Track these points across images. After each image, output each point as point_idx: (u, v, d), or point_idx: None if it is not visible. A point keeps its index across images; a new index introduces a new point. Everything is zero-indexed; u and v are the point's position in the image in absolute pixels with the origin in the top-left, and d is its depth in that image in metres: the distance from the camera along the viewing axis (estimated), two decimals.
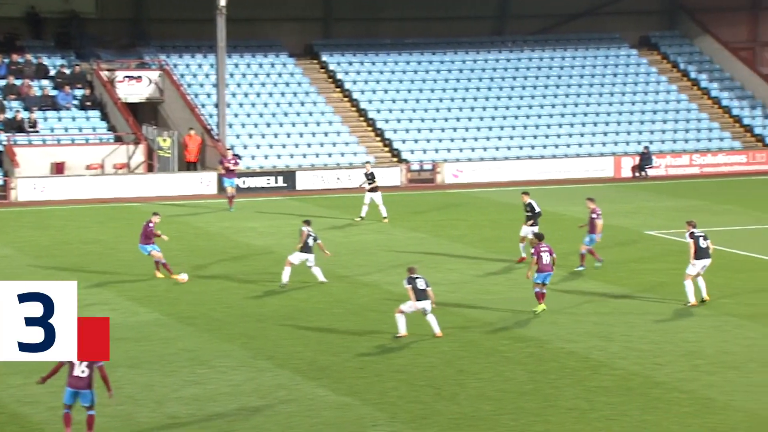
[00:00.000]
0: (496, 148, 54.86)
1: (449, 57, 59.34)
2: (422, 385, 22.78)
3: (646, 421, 21.07)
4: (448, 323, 27.50)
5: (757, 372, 23.81)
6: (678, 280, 32.30)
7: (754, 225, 41.37)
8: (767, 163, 54.80)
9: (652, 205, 46.07)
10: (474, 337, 26.51)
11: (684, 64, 60.41)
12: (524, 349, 25.63)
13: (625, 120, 57.18)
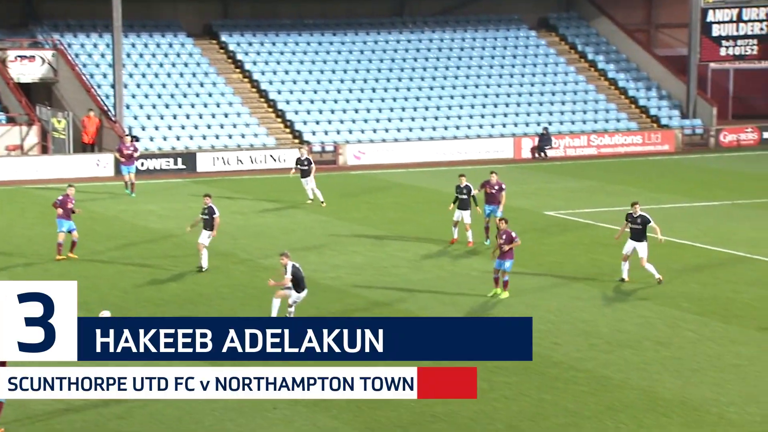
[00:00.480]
0: (398, 129, 55.10)
1: (349, 38, 59.42)
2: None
3: (544, 400, 21.47)
4: (351, 305, 27.69)
5: (651, 350, 24.36)
6: (574, 259, 32.85)
7: (649, 205, 42.17)
8: (662, 143, 55.79)
9: (552, 186, 46.65)
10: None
11: (581, 46, 61.22)
12: None
13: (524, 101, 57.81)
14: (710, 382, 22.42)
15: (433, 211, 40.82)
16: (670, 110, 57.84)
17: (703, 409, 20.93)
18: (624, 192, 44.78)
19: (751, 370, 23.14)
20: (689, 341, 25.05)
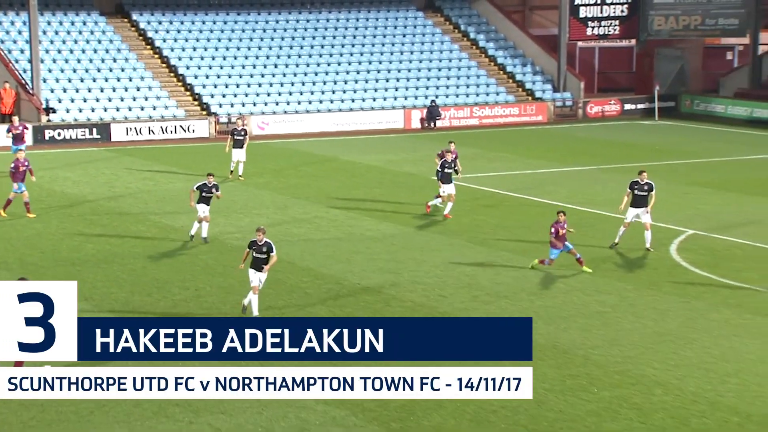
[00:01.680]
0: (298, 102, 54.91)
1: (252, 17, 58.97)
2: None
3: None
4: None
5: (525, 300, 24.74)
6: (458, 219, 33.14)
7: (525, 170, 42.68)
8: (536, 114, 56.42)
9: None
10: (279, 276, 26.68)
11: (464, 26, 61.50)
12: (323, 286, 25.97)
13: (413, 76, 57.95)
14: (578, 327, 22.87)
15: (331, 177, 40.85)
16: (543, 84, 58.47)
17: (572, 352, 21.36)
18: (503, 158, 45.27)
19: (613, 316, 23.65)
20: (560, 292, 25.49)
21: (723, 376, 19.98)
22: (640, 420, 18.12)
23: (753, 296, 24.95)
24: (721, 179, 39.56)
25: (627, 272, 27.13)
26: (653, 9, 58.00)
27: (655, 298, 24.83)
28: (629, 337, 22.19)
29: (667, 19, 58.09)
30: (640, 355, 21.12)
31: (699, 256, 28.49)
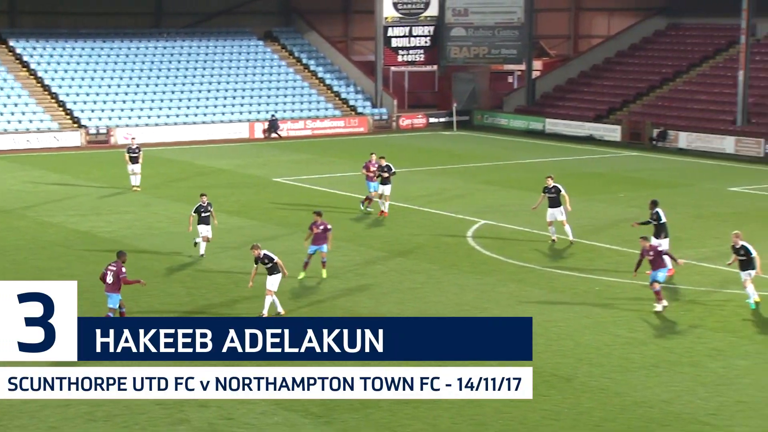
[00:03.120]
0: (158, 116, 53.89)
1: (116, 44, 57.53)
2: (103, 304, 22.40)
3: None
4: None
5: (353, 280, 24.76)
6: (297, 213, 33.14)
7: (352, 173, 43.00)
8: (359, 126, 56.85)
9: (278, 159, 46.78)
10: (145, 263, 26.25)
11: (298, 53, 61.39)
12: (182, 271, 25.66)
13: (256, 95, 57.57)
14: (394, 301, 23.22)
15: (188, 179, 40.27)
16: (363, 101, 58.92)
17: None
18: (332, 163, 45.43)
19: (422, 291, 24.08)
20: (380, 272, 25.80)
21: None
22: None
23: (532, 273, 25.81)
24: (505, 178, 40.72)
25: (434, 256, 27.66)
26: (450, 41, 59.30)
27: (456, 276, 25.41)
28: (435, 308, 22.66)
29: (461, 49, 59.51)
30: None
31: (490, 241, 29.28)
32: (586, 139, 51.76)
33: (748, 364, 18.80)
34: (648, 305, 22.30)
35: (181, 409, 16.73)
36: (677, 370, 18.52)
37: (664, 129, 49.22)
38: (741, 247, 21.96)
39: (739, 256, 22.07)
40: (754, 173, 41.16)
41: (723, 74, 51.91)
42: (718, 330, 20.79)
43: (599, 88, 56.58)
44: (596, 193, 36.98)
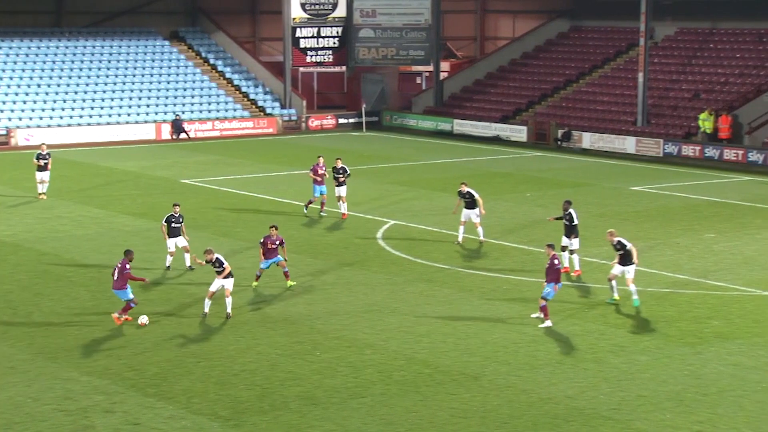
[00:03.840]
0: (60, 117, 52.69)
1: (16, 44, 56.04)
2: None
3: (183, 323, 21.42)
4: (24, 258, 26.39)
5: (261, 284, 24.75)
6: (205, 215, 32.79)
7: (260, 173, 42.77)
8: (268, 127, 56.52)
9: (186, 160, 46.22)
10: (45, 267, 25.66)
11: (205, 53, 60.72)
12: (87, 274, 25.15)
13: (162, 95, 56.73)
14: (304, 302, 23.17)
15: (92, 181, 39.49)
16: (272, 102, 58.59)
17: (300, 323, 21.65)
18: (241, 164, 45.09)
19: (332, 292, 24.08)
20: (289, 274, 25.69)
21: (417, 337, 20.76)
22: (353, 376, 18.59)
23: (441, 272, 26.03)
24: (414, 178, 40.97)
25: (343, 257, 27.66)
26: (359, 42, 59.39)
27: (365, 276, 25.47)
28: (345, 308, 22.69)
29: (369, 50, 59.63)
30: (354, 323, 21.65)
31: (399, 242, 29.41)
32: (493, 139, 52.43)
33: (648, 359, 19.27)
34: (554, 303, 22.68)
35: (85, 415, 16.42)
36: (581, 367, 18.88)
37: (568, 129, 50.17)
38: (617, 243, 22.25)
39: (618, 251, 22.48)
40: (653, 173, 42.25)
41: (623, 76, 53.16)
42: (620, 326, 21.27)
43: (505, 89, 57.36)
44: (503, 192, 37.48)
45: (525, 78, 57.47)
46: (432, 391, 17.80)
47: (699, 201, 35.61)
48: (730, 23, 52.01)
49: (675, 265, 26.10)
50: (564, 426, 16.29)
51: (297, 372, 18.71)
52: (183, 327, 21.16)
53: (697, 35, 53.07)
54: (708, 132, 45.77)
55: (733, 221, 31.78)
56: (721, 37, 52.07)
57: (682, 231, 30.42)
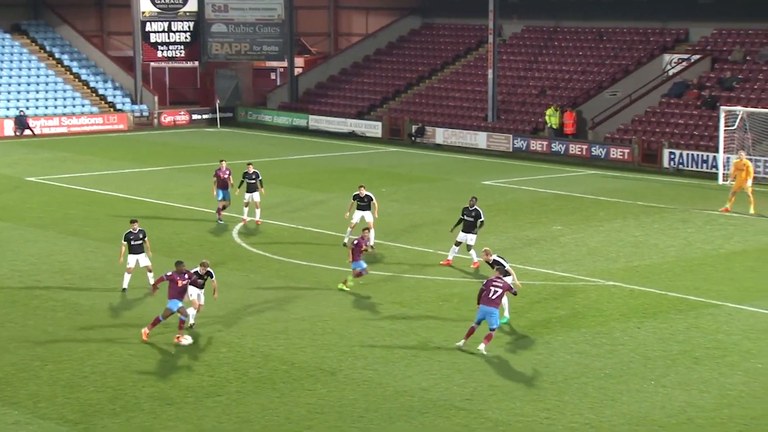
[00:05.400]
0: None
1: None
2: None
3: (28, 325, 20.79)
4: None
5: (112, 281, 24.24)
6: (52, 214, 31.81)
7: (111, 170, 41.74)
8: (118, 123, 55.13)
9: (31, 157, 44.70)
10: None
11: (49, 47, 58.73)
12: None
13: (4, 90, 54.60)
14: (158, 302, 22.69)
15: None
16: (123, 98, 57.19)
17: (147, 323, 21.29)
18: (91, 161, 43.92)
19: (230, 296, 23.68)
20: (134, 276, 25.15)
21: (274, 334, 20.72)
22: (209, 374, 18.41)
23: (298, 269, 26.04)
24: (270, 175, 40.71)
25: (199, 254, 27.27)
26: (211, 37, 58.64)
27: (221, 274, 25.08)
28: (207, 308, 22.39)
29: (222, 45, 58.96)
30: (209, 321, 21.41)
31: (255, 239, 29.26)
32: (349, 135, 52.73)
33: (499, 350, 19.79)
34: (408, 295, 23.02)
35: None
36: (436, 359, 19.25)
37: (421, 125, 50.93)
38: (493, 262, 21.07)
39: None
40: (504, 167, 43.37)
41: (474, 72, 54.32)
42: (471, 318, 21.75)
43: (360, 85, 57.75)
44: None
45: (379, 74, 58.00)
46: (288, 387, 17.81)
47: (546, 194, 36.77)
48: (572, 22, 53.85)
49: (524, 257, 26.87)
50: (419, 418, 16.59)
51: (150, 372, 18.39)
52: (28, 330, 20.48)
53: (542, 33, 54.72)
54: (554, 127, 47.28)
55: (578, 214, 32.95)
56: (565, 36, 53.84)
57: (530, 224, 31.35)
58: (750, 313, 21.91)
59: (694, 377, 18.22)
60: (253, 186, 30.54)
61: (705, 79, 45.73)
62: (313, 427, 16.16)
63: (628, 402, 17.10)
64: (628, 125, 45.56)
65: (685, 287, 23.80)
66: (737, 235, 29.68)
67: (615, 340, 20.22)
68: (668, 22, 49.92)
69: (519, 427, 16.14)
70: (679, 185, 38.51)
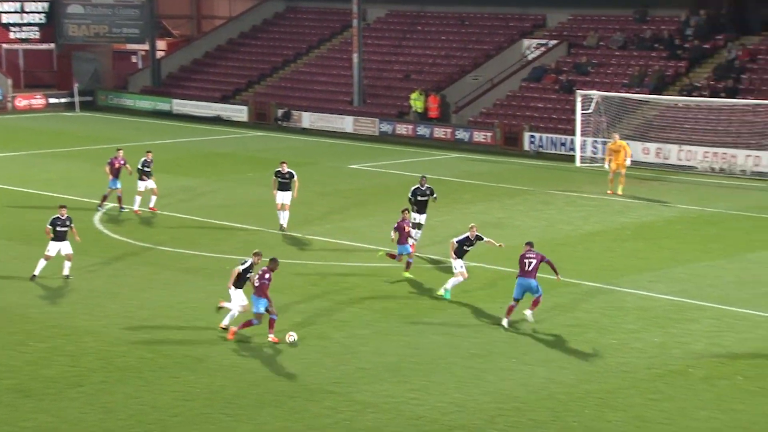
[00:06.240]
0: None
1: None
2: None
3: None
4: None
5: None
6: None
7: None
8: None
9: None
10: None
11: None
12: None
13: None
14: (14, 290, 22.06)
15: None
16: None
17: (11, 311, 20.65)
18: None
19: (48, 279, 23.02)
20: (1, 261, 24.37)
21: (140, 321, 20.33)
22: (71, 365, 17.96)
23: (164, 255, 25.62)
24: (134, 160, 39.85)
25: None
26: (67, 18, 56.87)
27: (84, 261, 24.50)
28: (62, 295, 21.84)
29: (79, 27, 57.26)
30: (72, 310, 20.91)
31: (118, 225, 28.64)
32: (214, 119, 52.06)
33: (368, 332, 19.99)
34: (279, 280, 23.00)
35: None
36: (306, 343, 19.28)
37: (288, 109, 50.70)
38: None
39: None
40: (371, 151, 43.63)
41: (340, 56, 54.35)
42: (342, 302, 21.89)
43: (225, 69, 57.03)
44: (226, 173, 37.38)
45: (244, 58, 57.39)
46: (155, 375, 17.55)
47: (413, 178, 37.10)
48: (435, 7, 54.49)
49: (392, 241, 27.13)
50: (288, 402, 16.61)
51: (9, 364, 17.83)
52: None
53: (406, 18, 55.18)
54: (419, 111, 47.81)
55: (445, 197, 33.45)
56: (428, 20, 54.44)
57: (398, 207, 31.66)
58: (607, 291, 22.76)
59: (554, 354, 18.83)
60: (148, 174, 29.70)
61: (562, 64, 47.06)
62: (180, 414, 15.99)
63: (493, 380, 17.54)
64: (491, 109, 46.49)
65: (547, 267, 24.53)
66: (595, 215, 30.72)
67: (480, 320, 20.68)
68: (527, 7, 51.10)
69: (387, 408, 16.35)
70: (539, 168, 39.56)
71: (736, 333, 19.76)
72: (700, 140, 38.12)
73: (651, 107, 40.96)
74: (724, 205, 31.73)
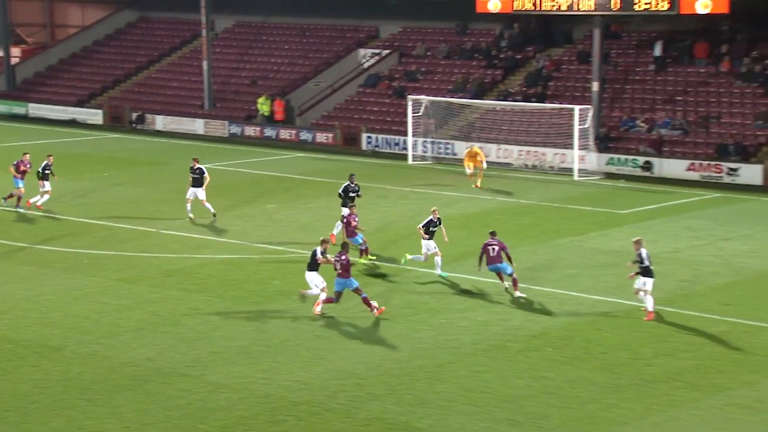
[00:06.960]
0: None
1: None
2: None
3: None
4: None
5: None
6: None
7: None
8: None
9: None
10: None
11: None
12: None
13: None
14: None
15: None
16: None
17: None
18: None
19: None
20: None
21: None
22: None
23: (21, 250, 24.48)
24: None
25: None
26: None
27: None
28: None
29: None
30: None
31: None
32: (70, 122, 50.19)
33: (220, 319, 19.68)
34: (132, 272, 22.29)
35: None
36: (161, 331, 18.82)
37: (142, 113, 49.39)
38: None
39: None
40: (221, 151, 42.96)
41: (190, 64, 53.31)
42: (194, 291, 21.48)
43: (80, 75, 55.05)
44: (83, 172, 36.11)
45: (98, 64, 55.57)
46: (13, 365, 16.76)
47: (261, 176, 36.89)
48: (279, 18, 54.19)
49: (242, 233, 26.84)
50: (144, 386, 16.16)
51: None
52: None
53: (252, 28, 54.66)
54: (266, 114, 47.43)
55: (290, 193, 33.35)
56: (272, 30, 54.07)
57: (247, 203, 31.34)
58: (437, 276, 23.19)
59: (390, 334, 19.03)
60: (46, 176, 29.42)
61: (394, 72, 47.64)
62: (38, 402, 15.31)
63: (335, 359, 17.58)
64: (331, 112, 46.61)
65: (387, 256, 24.74)
66: (425, 208, 31.22)
67: (326, 305, 20.68)
68: (362, 20, 51.46)
69: (237, 388, 16.14)
70: (376, 165, 39.91)
71: (547, 310, 20.48)
72: (515, 140, 39.32)
73: (472, 110, 41.99)
74: (536, 197, 32.84)
